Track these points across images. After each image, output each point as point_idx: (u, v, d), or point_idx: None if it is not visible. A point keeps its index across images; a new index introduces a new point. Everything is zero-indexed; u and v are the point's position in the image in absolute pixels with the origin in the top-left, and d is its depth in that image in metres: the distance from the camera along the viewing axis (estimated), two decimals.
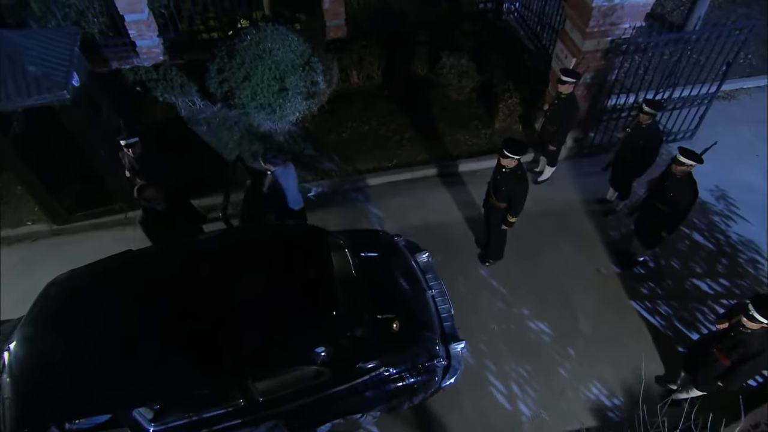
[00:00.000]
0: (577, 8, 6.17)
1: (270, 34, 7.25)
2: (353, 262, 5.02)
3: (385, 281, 5.20)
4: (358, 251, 5.23)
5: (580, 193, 7.12)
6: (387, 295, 5.07)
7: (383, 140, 7.87)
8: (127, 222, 7.20)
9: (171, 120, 8.05)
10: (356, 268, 4.98)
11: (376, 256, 5.38)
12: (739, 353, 4.21)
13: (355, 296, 4.76)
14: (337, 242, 5.16)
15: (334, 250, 5.00)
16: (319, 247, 4.94)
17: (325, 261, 4.81)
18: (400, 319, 4.89)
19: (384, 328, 4.78)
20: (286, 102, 7.13)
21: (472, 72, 8.00)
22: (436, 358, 4.88)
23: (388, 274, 5.30)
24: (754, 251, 6.40)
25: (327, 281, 4.67)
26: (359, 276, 4.94)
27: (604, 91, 6.82)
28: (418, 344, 4.87)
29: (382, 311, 4.85)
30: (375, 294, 4.92)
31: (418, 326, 4.98)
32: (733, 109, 8.19)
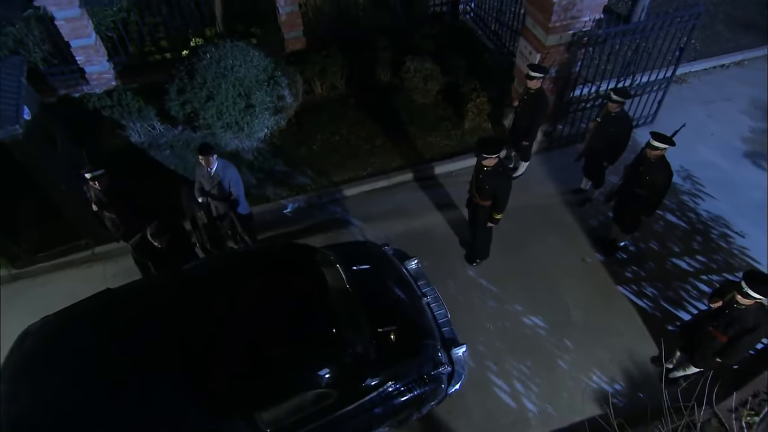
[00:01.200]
0: (538, 4, 6.28)
1: (230, 51, 7.05)
2: (346, 276, 4.90)
3: (380, 293, 5.11)
4: (349, 265, 5.12)
5: (555, 185, 7.24)
6: (384, 307, 4.98)
7: (355, 149, 7.78)
8: (94, 258, 6.82)
9: (131, 147, 7.69)
10: (350, 282, 4.87)
11: (368, 268, 5.28)
12: (736, 329, 4.34)
13: (353, 311, 4.65)
14: (328, 258, 5.03)
15: (326, 266, 4.87)
16: (310, 266, 4.80)
17: (317, 279, 4.68)
18: (400, 330, 4.81)
19: (385, 341, 4.69)
20: (254, 119, 6.94)
21: (436, 74, 8.02)
22: (441, 366, 4.82)
23: (382, 285, 5.21)
24: (724, 226, 6.67)
25: (322, 300, 4.54)
26: (354, 290, 4.82)
27: (569, 84, 6.97)
28: (422, 354, 4.80)
29: (381, 324, 4.75)
30: (372, 307, 4.82)
31: (418, 335, 4.91)
32: (684, 92, 8.55)
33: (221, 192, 5.76)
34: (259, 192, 7.25)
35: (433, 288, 5.56)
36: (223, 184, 5.71)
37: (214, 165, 5.62)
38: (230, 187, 5.75)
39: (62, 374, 4.01)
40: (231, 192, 5.80)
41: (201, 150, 5.55)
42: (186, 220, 6.38)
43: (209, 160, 5.56)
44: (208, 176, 5.69)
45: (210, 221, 6.04)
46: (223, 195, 5.79)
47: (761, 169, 7.37)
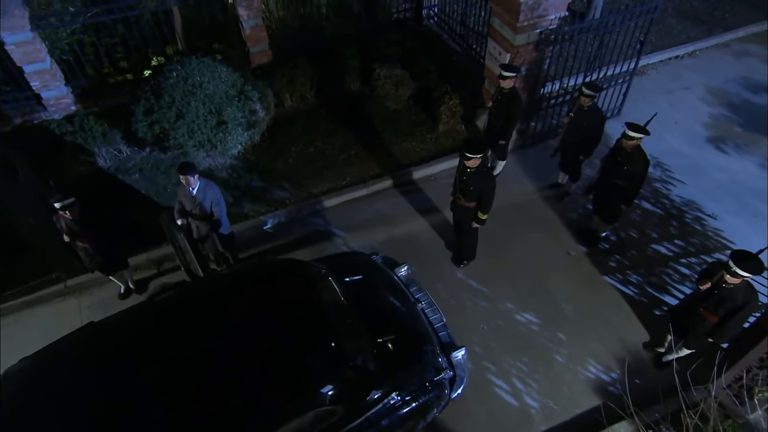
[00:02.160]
0: (505, 5, 6.38)
1: (197, 68, 6.89)
2: (339, 289, 4.81)
3: (375, 302, 5.04)
4: (341, 277, 5.03)
5: (532, 181, 7.34)
6: (381, 317, 4.91)
7: (331, 160, 7.70)
8: (67, 292, 6.48)
9: (98, 173, 7.39)
10: (344, 294, 4.78)
11: (360, 279, 5.20)
12: (726, 308, 4.47)
13: (350, 324, 4.56)
14: (319, 271, 4.92)
15: (318, 280, 4.77)
16: (303, 281, 4.69)
17: (311, 294, 4.57)
18: (399, 338, 4.75)
19: (386, 351, 4.62)
20: (227, 135, 6.77)
21: (407, 80, 8.05)
22: (443, 371, 4.77)
23: (376, 294, 5.15)
24: (696, 209, 6.90)
25: (318, 315, 4.44)
26: (349, 302, 4.74)
27: (539, 81, 7.09)
28: (422, 361, 4.75)
29: (380, 334, 4.68)
30: (369, 317, 4.75)
31: (417, 342, 4.86)
32: (645, 84, 8.85)
33: (203, 212, 5.58)
34: (237, 210, 7.07)
35: (426, 293, 5.54)
36: (205, 204, 5.53)
37: (196, 185, 5.43)
38: (212, 206, 5.57)
39: (51, 417, 3.76)
40: (213, 212, 5.62)
41: (182, 169, 5.35)
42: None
43: (190, 180, 5.37)
44: (189, 196, 5.50)
45: (191, 243, 5.83)
46: (204, 215, 5.61)
47: (724, 153, 7.67)
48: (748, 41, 9.85)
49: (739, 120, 8.19)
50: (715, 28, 9.95)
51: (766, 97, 8.56)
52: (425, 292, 5.54)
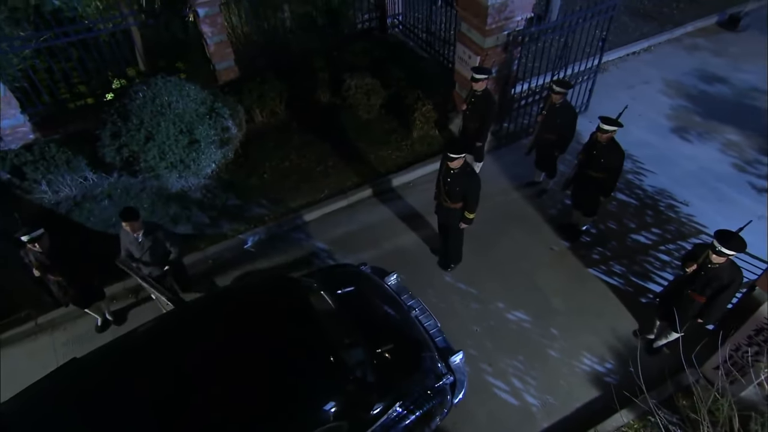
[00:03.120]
0: (472, 9, 6.47)
1: (164, 87, 6.69)
2: (333, 302, 4.71)
3: (369, 313, 4.97)
4: (333, 290, 4.94)
5: (509, 181, 7.42)
6: (377, 327, 4.85)
7: (307, 173, 7.59)
8: (39, 329, 6.13)
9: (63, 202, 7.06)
10: (338, 307, 4.69)
11: (353, 290, 5.12)
12: (713, 288, 4.59)
13: (347, 337, 4.47)
14: (311, 286, 4.82)
15: (311, 294, 4.67)
16: (295, 297, 4.59)
17: (305, 309, 4.47)
18: (397, 347, 4.68)
19: (386, 361, 4.54)
20: (200, 154, 6.59)
21: (377, 88, 8.04)
22: (443, 377, 4.72)
23: (369, 305, 5.08)
24: (669, 197, 7.12)
25: (314, 329, 4.34)
26: (344, 315, 4.65)
27: (509, 82, 7.21)
28: (422, 368, 4.70)
29: (377, 344, 4.60)
30: (365, 329, 4.67)
31: (415, 350, 4.81)
32: (607, 80, 9.12)
33: (154, 258, 5.26)
34: (214, 230, 6.88)
35: (418, 300, 5.50)
36: (156, 248, 5.23)
37: (141, 230, 5.10)
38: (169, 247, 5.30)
39: None
40: (170, 251, 5.34)
41: (125, 216, 5.00)
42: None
43: (135, 226, 5.04)
44: (136, 243, 5.18)
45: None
46: (156, 261, 5.30)
47: (688, 142, 7.97)
48: (696, 36, 10.32)
49: (698, 110, 8.53)
50: (665, 24, 10.38)
51: (720, 87, 8.97)
52: (417, 299, 5.51)
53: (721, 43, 10.07)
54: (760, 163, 7.61)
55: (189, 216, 7.01)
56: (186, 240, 6.75)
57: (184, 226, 6.92)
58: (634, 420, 5.03)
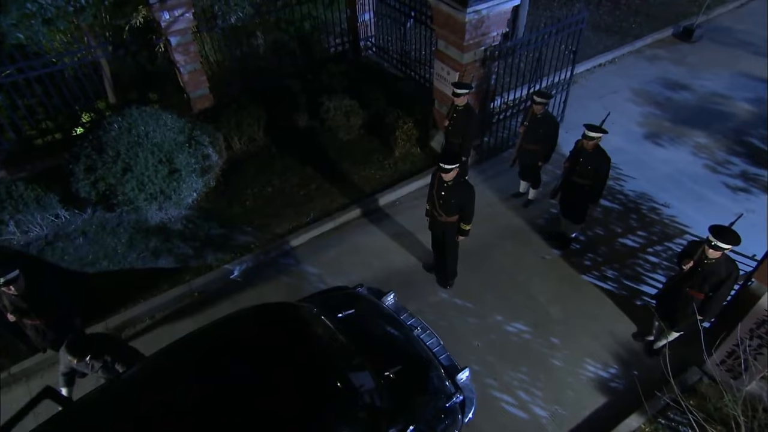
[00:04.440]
0: (450, 27, 6.56)
1: (139, 117, 6.51)
2: (335, 326, 4.54)
3: (372, 335, 4.81)
4: (333, 314, 4.76)
5: (495, 194, 7.45)
6: (381, 349, 4.68)
7: (291, 197, 7.45)
8: (13, 380, 5.71)
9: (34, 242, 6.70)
10: (341, 332, 4.51)
11: (353, 313, 4.94)
12: (711, 283, 4.64)
13: (353, 361, 4.30)
14: (310, 311, 4.64)
15: (311, 320, 4.49)
16: (295, 324, 4.39)
17: (307, 336, 4.29)
18: (404, 368, 4.52)
19: (394, 384, 4.37)
20: (181, 184, 6.40)
21: (357, 109, 8.03)
22: (453, 396, 4.58)
23: (371, 327, 4.91)
24: (650, 200, 7.27)
25: (318, 356, 4.15)
26: (347, 338, 4.47)
27: (488, 96, 7.31)
28: (431, 388, 4.55)
29: (384, 367, 4.43)
30: (370, 352, 4.49)
31: (423, 370, 4.66)
32: (578, 91, 9.37)
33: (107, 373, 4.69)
34: (199, 261, 6.62)
35: (418, 318, 5.37)
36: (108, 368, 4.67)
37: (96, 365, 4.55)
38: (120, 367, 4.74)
39: None
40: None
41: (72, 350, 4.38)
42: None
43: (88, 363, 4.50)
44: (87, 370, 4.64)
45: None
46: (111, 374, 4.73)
47: (661, 146, 8.21)
48: (655, 46, 10.78)
49: (666, 115, 8.84)
50: (626, 37, 10.82)
51: (684, 93, 9.34)
52: (417, 318, 5.38)
53: (678, 53, 10.54)
54: (731, 163, 7.89)
55: (170, 248, 6.75)
56: (169, 273, 6.49)
57: (165, 259, 6.65)
58: (644, 423, 4.99)
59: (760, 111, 8.91)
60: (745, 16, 11.83)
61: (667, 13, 11.60)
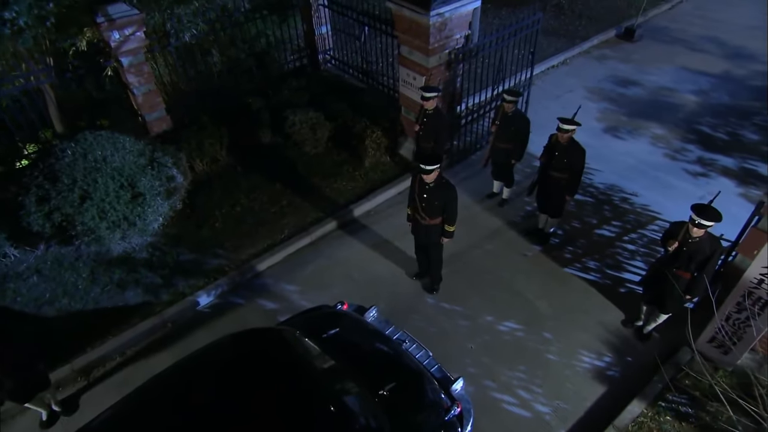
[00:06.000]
0: (413, 32, 6.56)
1: (95, 142, 6.10)
2: (322, 348, 4.27)
3: (361, 354, 4.51)
4: (317, 335, 4.48)
5: (470, 196, 7.42)
6: (372, 367, 4.38)
7: (262, 215, 7.17)
8: None
9: None
10: (328, 353, 4.23)
11: (338, 332, 4.63)
12: (697, 262, 4.72)
13: (344, 382, 4.05)
14: (293, 334, 4.35)
15: (296, 344, 4.20)
16: (279, 349, 4.10)
17: (293, 361, 4.01)
18: (397, 385, 4.27)
19: (389, 402, 4.10)
20: (146, 208, 6.01)
21: (322, 122, 7.87)
22: (450, 410, 4.36)
23: (359, 345, 4.63)
24: (620, 191, 7.45)
25: (307, 380, 3.89)
26: (335, 359, 4.19)
27: (455, 99, 7.33)
28: (426, 403, 4.31)
29: (377, 385, 4.16)
30: (360, 371, 4.21)
31: (417, 385, 4.40)
32: (535, 92, 9.48)
33: None
34: (169, 289, 6.22)
35: (404, 332, 5.09)
36: None
37: None
38: None
39: None
40: None
41: None
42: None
43: None
44: None
45: None
46: None
47: (621, 139, 8.48)
48: (602, 47, 11.24)
49: (622, 110, 9.16)
50: (573, 39, 11.23)
51: (635, 89, 9.73)
52: (403, 331, 5.10)
53: (623, 52, 11.02)
54: (687, 150, 8.22)
55: (138, 279, 6.31)
56: (139, 305, 6.06)
57: (133, 290, 6.21)
58: (646, 408, 4.98)
59: (704, 101, 9.38)
60: (677, 17, 12.56)
61: (608, 16, 12.16)
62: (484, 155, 6.99)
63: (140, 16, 6.96)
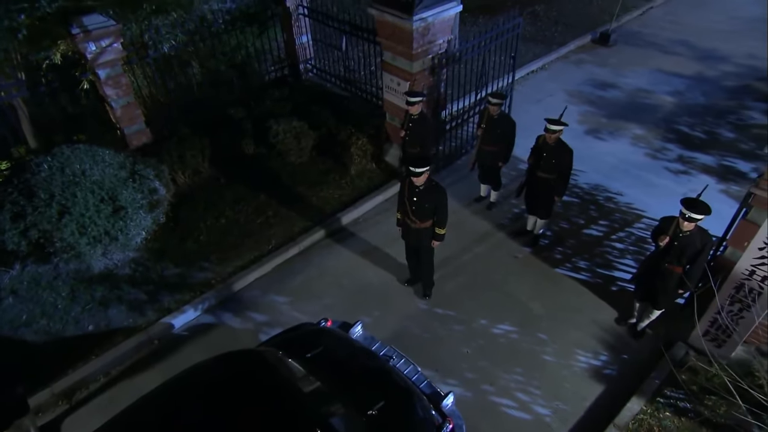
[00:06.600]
0: (396, 38, 6.55)
1: (73, 155, 5.91)
2: (306, 369, 4.09)
3: (348, 373, 4.31)
4: (301, 354, 4.27)
5: (458, 200, 7.38)
6: (360, 386, 4.20)
7: (248, 227, 7.02)
8: None
9: None
10: (313, 373, 4.06)
11: (322, 351, 4.40)
12: (688, 255, 4.74)
13: (331, 403, 3.90)
14: (276, 356, 4.17)
15: (279, 366, 4.03)
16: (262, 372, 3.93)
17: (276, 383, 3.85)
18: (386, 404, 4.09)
19: (378, 422, 3.90)
20: (128, 222, 5.83)
21: (306, 131, 7.79)
22: (442, 427, 4.20)
23: (345, 364, 4.43)
24: (604, 191, 7.51)
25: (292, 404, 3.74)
26: (321, 380, 4.03)
27: (439, 104, 7.32)
28: (419, 421, 4.15)
29: (365, 405, 3.96)
30: (348, 391, 4.05)
31: (406, 403, 4.24)
32: (516, 97, 9.53)
33: None
34: (155, 306, 6.02)
35: (391, 347, 4.90)
36: None
37: None
38: None
39: None
40: None
41: None
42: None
43: None
44: None
45: None
46: None
47: (602, 140, 8.58)
48: (578, 52, 11.42)
49: (602, 112, 9.29)
50: (551, 45, 11.41)
51: (613, 91, 9.90)
52: (390, 346, 4.90)
53: (600, 56, 11.22)
54: (667, 149, 8.36)
55: (121, 296, 6.10)
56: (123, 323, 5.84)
57: (116, 308, 5.99)
58: (645, 405, 4.96)
59: (680, 101, 9.58)
60: (648, 21, 12.87)
61: (582, 22, 12.39)
62: (470, 159, 6.98)
63: (117, 27, 6.82)
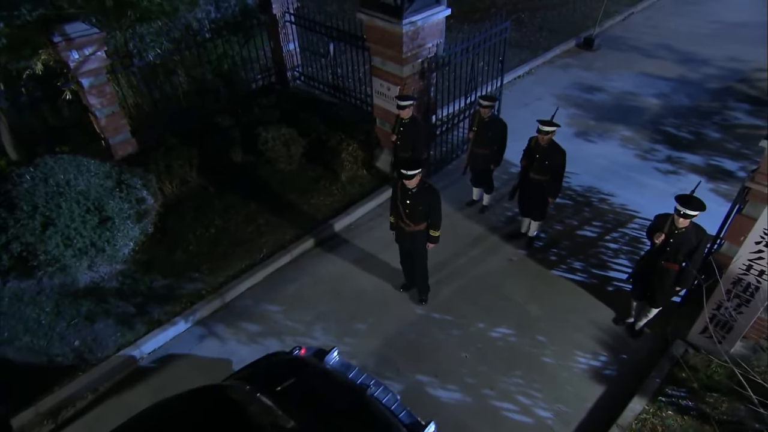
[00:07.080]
0: (385, 42, 6.51)
1: (56, 166, 5.75)
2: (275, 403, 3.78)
3: (321, 405, 4.06)
4: (271, 388, 3.96)
5: (451, 204, 7.33)
6: (334, 420, 3.95)
7: (239, 236, 6.89)
8: None
9: None
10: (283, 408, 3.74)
11: (295, 382, 4.13)
12: (684, 252, 4.72)
13: None
14: (242, 391, 3.90)
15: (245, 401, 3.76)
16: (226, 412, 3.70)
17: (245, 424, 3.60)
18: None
19: None
20: (115, 233, 5.66)
21: (296, 138, 7.70)
22: None
23: (319, 396, 4.17)
24: (597, 192, 7.52)
25: None
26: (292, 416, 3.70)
27: (430, 108, 7.29)
28: None
29: None
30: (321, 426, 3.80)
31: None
32: (504, 101, 9.59)
33: None
34: (144, 319, 5.85)
35: (369, 374, 4.66)
36: None
37: None
38: None
39: None
40: None
41: None
42: None
43: None
44: None
45: None
46: None
47: (592, 142, 8.62)
48: (564, 57, 11.53)
49: (590, 115, 9.35)
50: (536, 50, 11.50)
51: (599, 94, 9.98)
52: (367, 374, 4.66)
53: (585, 60, 11.33)
54: (656, 150, 8.41)
55: (108, 310, 5.92)
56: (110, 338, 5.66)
57: (104, 322, 5.81)
58: (647, 404, 4.91)
59: (666, 103, 9.68)
60: (630, 26, 13.05)
61: (566, 27, 12.53)
62: (462, 162, 6.94)
63: (101, 35, 6.69)
